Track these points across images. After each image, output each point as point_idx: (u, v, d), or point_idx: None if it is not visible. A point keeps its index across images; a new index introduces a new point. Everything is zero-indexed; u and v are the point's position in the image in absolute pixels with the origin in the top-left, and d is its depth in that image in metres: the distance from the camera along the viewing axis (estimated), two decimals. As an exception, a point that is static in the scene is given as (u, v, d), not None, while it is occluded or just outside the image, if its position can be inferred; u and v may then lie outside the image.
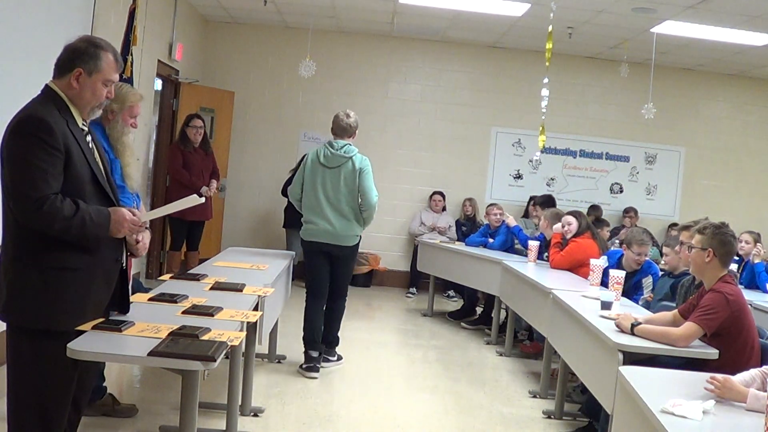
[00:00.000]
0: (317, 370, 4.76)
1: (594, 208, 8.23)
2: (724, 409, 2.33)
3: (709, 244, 3.28)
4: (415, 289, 8.32)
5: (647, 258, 4.93)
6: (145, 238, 3.10)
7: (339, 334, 5.12)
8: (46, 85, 2.44)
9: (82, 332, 2.42)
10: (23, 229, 2.32)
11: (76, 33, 4.94)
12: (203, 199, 2.86)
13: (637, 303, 4.52)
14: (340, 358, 5.11)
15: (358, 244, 4.94)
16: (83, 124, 2.49)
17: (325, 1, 7.30)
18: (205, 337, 2.50)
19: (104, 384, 3.65)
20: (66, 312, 2.37)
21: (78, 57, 2.40)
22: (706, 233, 3.30)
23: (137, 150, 6.30)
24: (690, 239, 3.49)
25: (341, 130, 4.87)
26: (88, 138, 2.50)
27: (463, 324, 6.82)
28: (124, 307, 2.69)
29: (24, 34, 4.22)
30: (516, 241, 6.95)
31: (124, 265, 2.66)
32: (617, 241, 6.52)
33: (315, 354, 4.81)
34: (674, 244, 4.51)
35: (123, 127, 3.44)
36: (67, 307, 2.38)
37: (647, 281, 4.79)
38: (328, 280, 4.94)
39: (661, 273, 4.89)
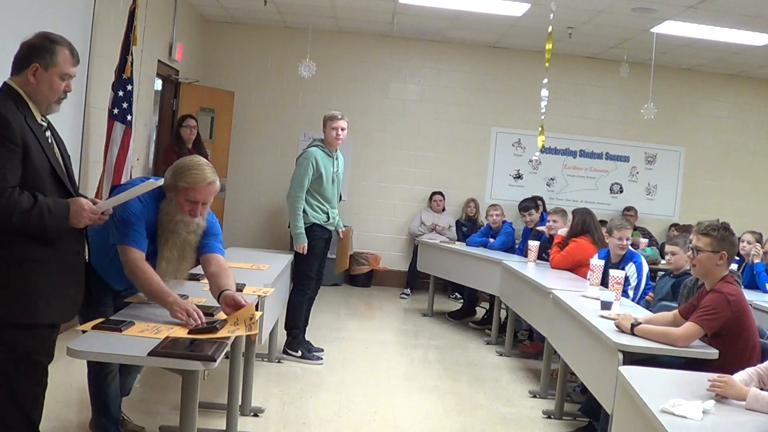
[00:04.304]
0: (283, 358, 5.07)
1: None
2: (724, 409, 2.33)
3: (721, 247, 3.26)
4: (409, 290, 8.31)
5: (629, 242, 4.99)
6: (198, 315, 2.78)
7: (315, 332, 5.26)
8: (4, 82, 2.46)
9: (53, 326, 2.45)
10: None
11: (76, 33, 4.96)
12: (161, 181, 2.77)
13: (626, 291, 4.55)
14: (306, 357, 5.06)
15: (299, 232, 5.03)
16: (42, 120, 2.50)
17: (325, 1, 7.30)
18: (218, 317, 2.71)
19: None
20: (29, 304, 2.38)
21: (33, 52, 2.44)
22: (716, 235, 3.26)
23: (140, 153, 6.33)
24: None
25: None
26: (48, 133, 2.52)
27: (471, 324, 6.84)
28: (90, 299, 2.72)
29: (24, 35, 4.21)
30: (516, 242, 6.96)
31: (87, 258, 2.66)
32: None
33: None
34: (683, 243, 4.48)
35: (175, 212, 2.88)
36: (29, 299, 2.38)
37: (630, 269, 4.82)
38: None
39: (662, 273, 4.90)
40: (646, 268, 4.97)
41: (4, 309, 2.35)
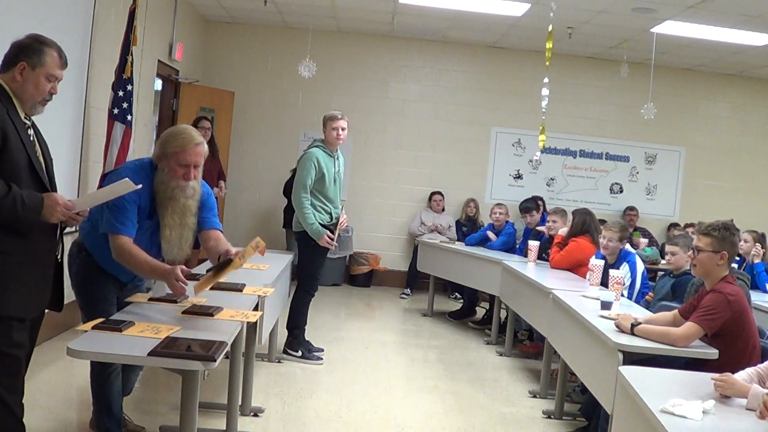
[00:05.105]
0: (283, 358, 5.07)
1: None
2: (724, 409, 2.33)
3: (722, 247, 3.26)
4: (409, 290, 8.30)
5: (612, 243, 4.98)
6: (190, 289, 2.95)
7: (318, 335, 5.25)
8: None
9: (21, 319, 2.44)
10: None
11: (77, 33, 4.96)
12: (140, 186, 2.76)
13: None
14: (306, 357, 5.06)
15: (303, 232, 4.98)
16: (25, 117, 2.52)
17: (325, 1, 7.30)
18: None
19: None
20: None
21: (22, 51, 2.48)
22: (717, 236, 3.26)
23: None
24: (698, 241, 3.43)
25: None
26: (30, 131, 2.53)
27: (470, 324, 6.84)
28: (59, 305, 2.70)
29: (23, 34, 4.21)
30: (517, 242, 6.96)
31: (59, 258, 2.67)
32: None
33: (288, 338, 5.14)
34: (683, 243, 4.48)
35: (169, 179, 2.93)
36: None
37: (624, 268, 4.84)
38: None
39: (662, 273, 4.90)
40: (640, 267, 4.98)
41: None
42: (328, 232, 4.94)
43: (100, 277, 3.07)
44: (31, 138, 2.52)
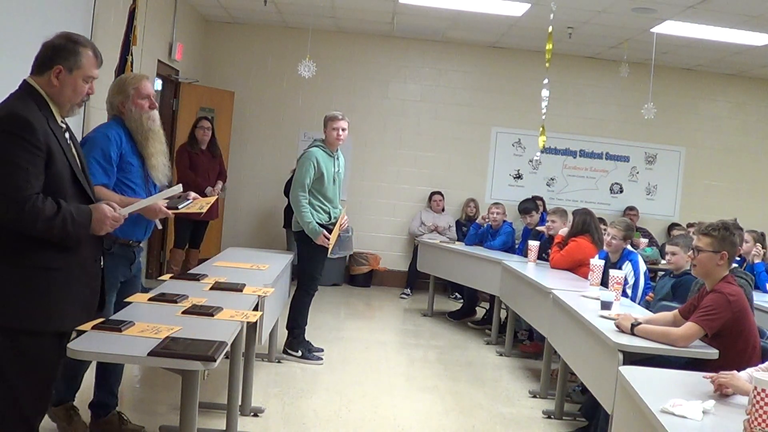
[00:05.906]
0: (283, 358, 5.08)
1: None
2: (724, 409, 2.33)
3: (722, 247, 3.26)
4: (409, 290, 8.30)
5: (615, 240, 4.99)
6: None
7: (317, 334, 5.26)
8: (25, 81, 2.40)
9: (63, 333, 2.43)
10: (1, 228, 2.28)
11: (77, 33, 4.94)
12: (180, 188, 2.92)
13: (624, 290, 4.57)
14: (306, 357, 5.06)
15: (302, 232, 4.99)
16: (62, 122, 2.47)
17: (325, 1, 7.30)
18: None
19: (115, 402, 3.48)
20: (44, 312, 2.34)
21: (57, 54, 2.38)
22: (717, 236, 3.25)
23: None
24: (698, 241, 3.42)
25: None
26: (67, 135, 2.49)
27: (469, 324, 6.84)
28: (102, 305, 2.71)
29: (24, 34, 4.21)
30: (516, 242, 6.96)
31: (102, 264, 2.66)
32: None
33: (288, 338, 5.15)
34: (683, 243, 4.47)
35: (140, 114, 3.22)
36: (46, 307, 2.34)
37: (626, 267, 4.84)
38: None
39: (662, 273, 4.90)
40: (642, 266, 4.99)
41: (20, 316, 2.30)
42: (325, 231, 4.93)
43: (111, 260, 3.11)
44: (68, 141, 2.47)
